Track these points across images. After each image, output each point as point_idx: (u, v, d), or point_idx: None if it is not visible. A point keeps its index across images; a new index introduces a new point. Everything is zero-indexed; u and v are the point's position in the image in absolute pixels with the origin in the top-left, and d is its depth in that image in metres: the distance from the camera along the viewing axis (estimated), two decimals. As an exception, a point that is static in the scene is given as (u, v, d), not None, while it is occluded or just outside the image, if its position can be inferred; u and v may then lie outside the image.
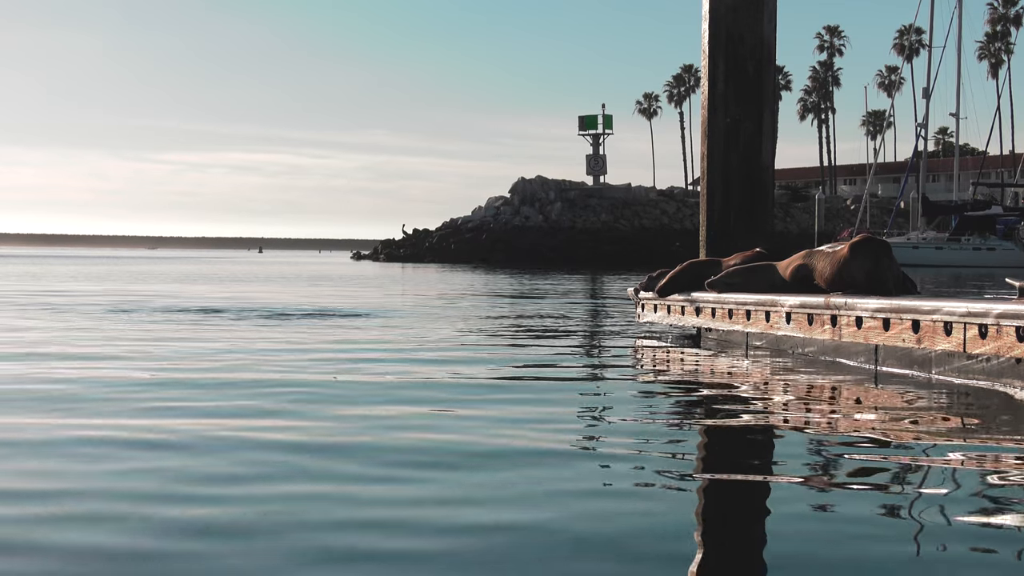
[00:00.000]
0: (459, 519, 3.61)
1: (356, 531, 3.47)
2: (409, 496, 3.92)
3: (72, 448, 4.74)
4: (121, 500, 3.82)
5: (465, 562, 3.18)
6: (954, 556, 3.26)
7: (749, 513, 3.94)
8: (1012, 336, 6.57)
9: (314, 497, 3.88)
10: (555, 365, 8.38)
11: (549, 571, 3.13)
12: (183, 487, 4.02)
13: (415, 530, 3.47)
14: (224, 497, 3.88)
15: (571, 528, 3.53)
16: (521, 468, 4.41)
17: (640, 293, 11.82)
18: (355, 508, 3.76)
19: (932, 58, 55.85)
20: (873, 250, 8.68)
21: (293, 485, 4.07)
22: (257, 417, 5.61)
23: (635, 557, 3.25)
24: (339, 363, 8.23)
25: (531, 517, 3.65)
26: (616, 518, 3.65)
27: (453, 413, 5.83)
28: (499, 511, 3.73)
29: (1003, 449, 4.91)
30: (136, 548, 3.29)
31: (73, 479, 4.15)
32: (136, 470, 4.30)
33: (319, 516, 3.62)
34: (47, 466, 4.37)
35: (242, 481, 4.13)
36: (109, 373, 7.48)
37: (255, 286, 25.15)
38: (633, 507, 3.82)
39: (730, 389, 7.16)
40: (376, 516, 3.65)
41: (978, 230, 53.07)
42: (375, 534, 3.43)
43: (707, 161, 12.09)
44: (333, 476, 4.22)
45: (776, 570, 3.18)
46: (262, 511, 3.68)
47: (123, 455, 4.60)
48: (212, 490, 3.98)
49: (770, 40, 11.92)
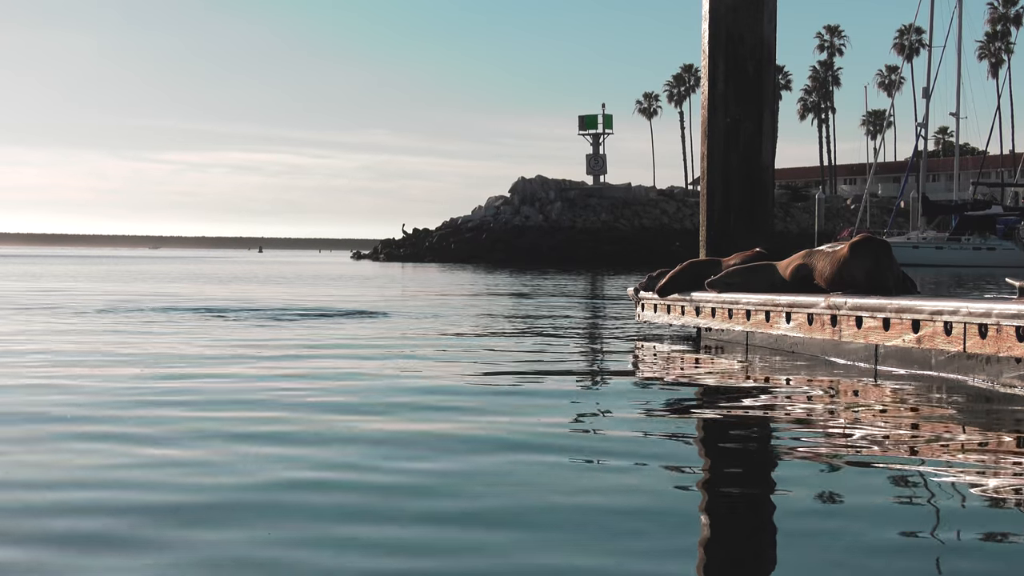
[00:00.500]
0: (451, 511, 3.62)
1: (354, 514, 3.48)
2: (406, 483, 3.93)
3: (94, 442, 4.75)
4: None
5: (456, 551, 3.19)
6: (955, 556, 3.26)
7: (749, 513, 3.94)
8: (1012, 336, 6.57)
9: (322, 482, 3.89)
10: (554, 365, 8.37)
11: (544, 569, 3.14)
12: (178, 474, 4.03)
13: (403, 514, 3.48)
14: (207, 485, 3.89)
15: (569, 529, 3.53)
16: (513, 468, 4.41)
17: (640, 293, 11.82)
18: (355, 494, 3.78)
19: (932, 58, 55.89)
20: (873, 250, 8.68)
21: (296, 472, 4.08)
22: (343, 412, 5.62)
23: (634, 557, 3.25)
24: (333, 359, 8.24)
25: (522, 520, 3.65)
26: (617, 518, 3.66)
27: (451, 413, 5.83)
28: (493, 513, 3.73)
29: (1003, 449, 4.91)
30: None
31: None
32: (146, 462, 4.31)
33: (324, 501, 3.64)
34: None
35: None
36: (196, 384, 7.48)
37: (272, 287, 25.15)
38: (633, 507, 3.82)
39: (730, 389, 7.17)
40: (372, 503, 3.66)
41: (978, 230, 53.05)
42: (368, 521, 3.44)
43: (707, 161, 12.09)
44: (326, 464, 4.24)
45: (776, 571, 3.18)
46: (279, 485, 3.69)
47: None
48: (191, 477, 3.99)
49: (770, 40, 11.92)
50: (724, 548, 3.49)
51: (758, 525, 3.74)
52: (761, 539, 3.55)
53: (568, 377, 7.67)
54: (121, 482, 4.13)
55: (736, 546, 3.53)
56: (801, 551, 3.33)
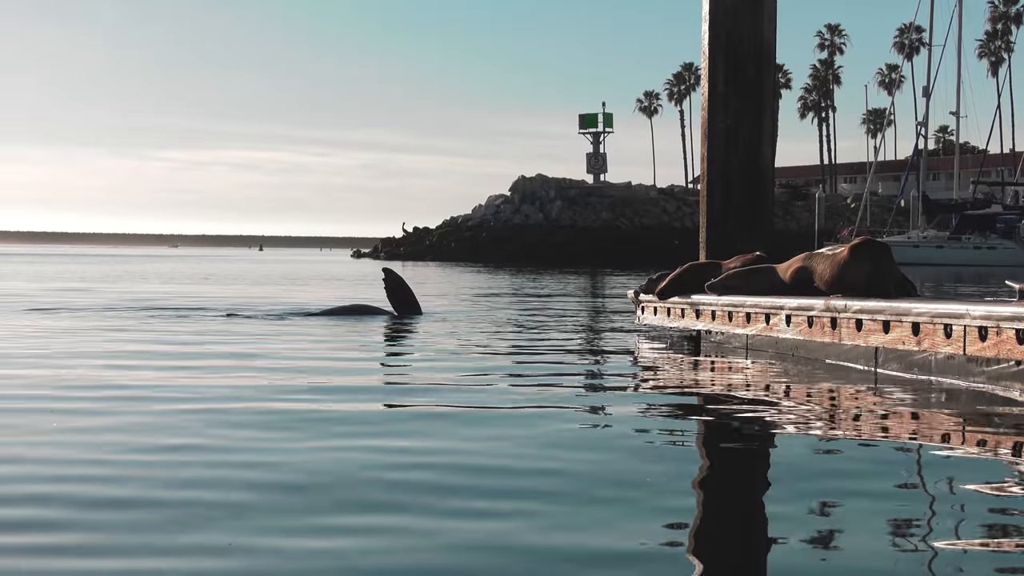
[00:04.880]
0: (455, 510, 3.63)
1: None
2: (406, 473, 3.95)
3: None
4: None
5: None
6: (954, 557, 3.27)
7: (748, 512, 3.94)
8: (1012, 339, 6.58)
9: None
10: (554, 367, 8.37)
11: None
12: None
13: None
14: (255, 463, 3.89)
15: (565, 528, 3.54)
16: (509, 475, 4.42)
17: (640, 296, 11.83)
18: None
19: (932, 56, 55.88)
20: (873, 253, 8.69)
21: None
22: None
23: (634, 558, 3.26)
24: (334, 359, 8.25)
25: (515, 525, 3.66)
26: (615, 515, 3.67)
27: (450, 414, 5.83)
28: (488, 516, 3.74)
29: (1003, 450, 4.91)
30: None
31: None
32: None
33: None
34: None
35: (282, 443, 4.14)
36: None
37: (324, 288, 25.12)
38: (632, 506, 3.83)
39: (730, 391, 7.17)
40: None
41: (979, 229, 53.01)
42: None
43: (707, 162, 12.09)
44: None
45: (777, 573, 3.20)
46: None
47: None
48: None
49: (770, 41, 11.92)
50: (725, 550, 3.50)
51: (758, 524, 3.74)
52: (760, 540, 3.56)
53: (567, 379, 7.67)
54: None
55: (736, 548, 3.54)
56: (802, 554, 3.34)
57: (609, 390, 7.23)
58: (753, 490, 4.37)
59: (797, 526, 3.68)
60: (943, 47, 69.09)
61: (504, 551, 3.40)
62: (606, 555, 3.35)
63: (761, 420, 5.93)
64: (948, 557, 3.34)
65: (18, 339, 10.30)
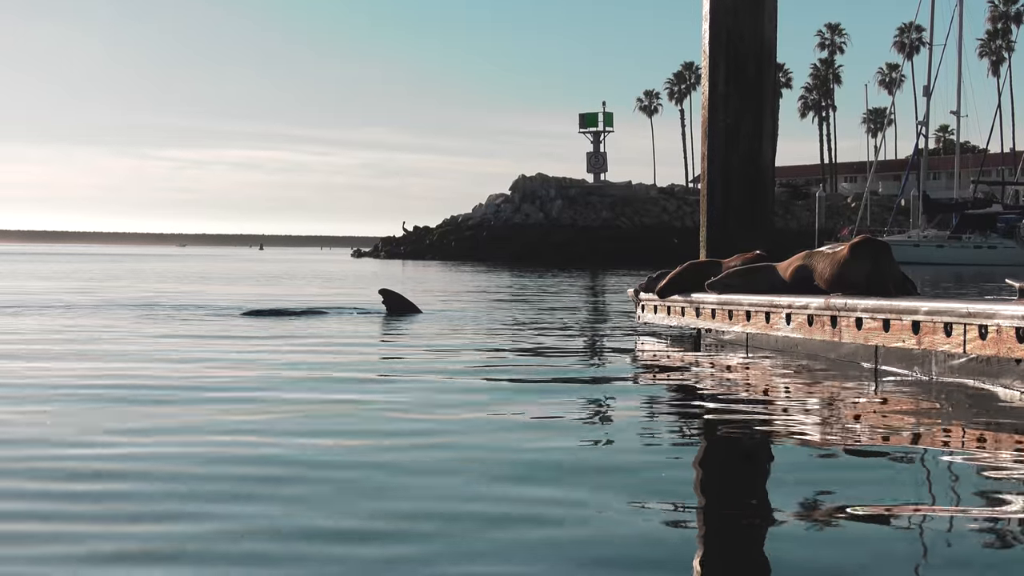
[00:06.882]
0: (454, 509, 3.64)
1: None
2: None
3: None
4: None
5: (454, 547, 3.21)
6: (954, 559, 3.27)
7: (748, 511, 3.94)
8: (1012, 337, 6.58)
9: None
10: (554, 366, 8.37)
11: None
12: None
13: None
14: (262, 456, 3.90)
15: (565, 528, 3.54)
16: (509, 475, 4.42)
17: (640, 294, 11.83)
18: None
19: (933, 56, 55.85)
20: (873, 251, 8.69)
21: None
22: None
23: (633, 560, 3.26)
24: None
25: (514, 534, 3.66)
26: (615, 516, 3.67)
27: (448, 414, 5.83)
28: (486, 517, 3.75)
29: (1003, 450, 4.91)
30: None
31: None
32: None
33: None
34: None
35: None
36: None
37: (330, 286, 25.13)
38: (632, 505, 3.83)
39: (730, 390, 7.17)
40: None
41: (979, 228, 52.99)
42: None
43: (707, 161, 12.10)
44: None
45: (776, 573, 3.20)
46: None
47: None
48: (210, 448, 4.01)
49: (770, 41, 11.93)
50: (724, 551, 3.50)
51: (757, 525, 3.74)
52: (760, 540, 3.56)
53: (567, 378, 7.67)
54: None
55: (736, 548, 3.54)
56: (801, 555, 3.34)
57: (609, 389, 7.22)
58: (753, 489, 4.37)
59: (797, 525, 3.68)
60: (943, 46, 68.97)
61: (504, 551, 3.40)
62: (606, 555, 3.35)
63: (761, 418, 5.93)
64: (948, 555, 3.34)
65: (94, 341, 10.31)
